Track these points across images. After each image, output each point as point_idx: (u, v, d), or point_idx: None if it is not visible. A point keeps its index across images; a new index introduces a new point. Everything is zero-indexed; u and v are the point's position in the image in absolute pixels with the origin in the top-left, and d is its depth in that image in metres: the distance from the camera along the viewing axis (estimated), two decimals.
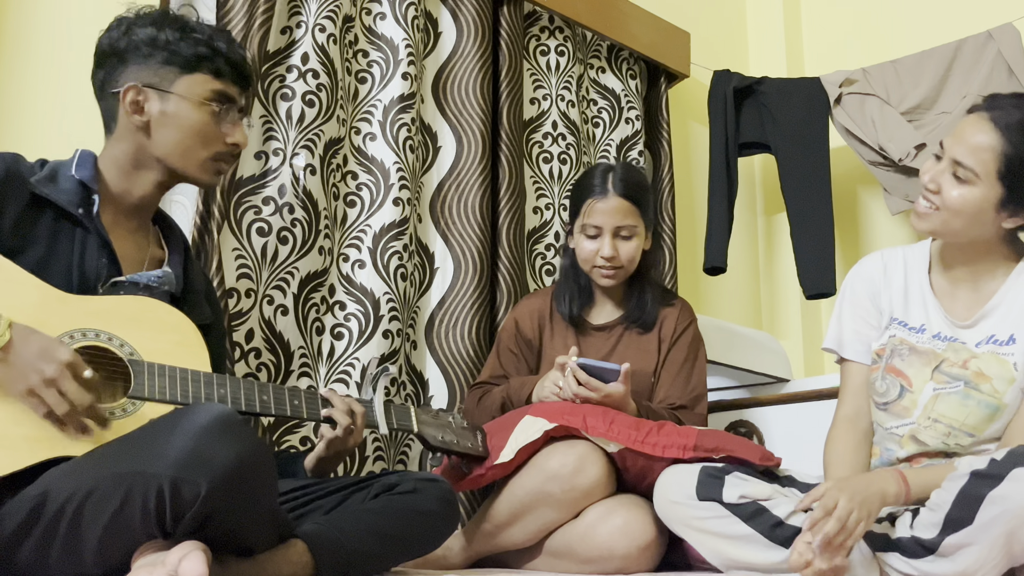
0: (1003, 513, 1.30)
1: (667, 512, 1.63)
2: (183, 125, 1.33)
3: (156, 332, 1.27)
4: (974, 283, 1.61)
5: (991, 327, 1.57)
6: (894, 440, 1.61)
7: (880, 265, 1.70)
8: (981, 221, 1.51)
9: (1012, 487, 1.30)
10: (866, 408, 1.67)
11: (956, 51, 2.79)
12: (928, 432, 1.57)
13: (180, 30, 1.33)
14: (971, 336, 1.58)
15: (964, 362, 1.56)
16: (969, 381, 1.54)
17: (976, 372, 1.54)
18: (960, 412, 1.54)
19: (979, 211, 1.50)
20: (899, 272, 1.68)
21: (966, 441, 1.54)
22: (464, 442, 1.68)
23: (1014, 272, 1.58)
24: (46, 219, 1.27)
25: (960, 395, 1.54)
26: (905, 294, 1.65)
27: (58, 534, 1.06)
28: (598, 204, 1.95)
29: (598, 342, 2.05)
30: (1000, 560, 1.34)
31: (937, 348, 1.59)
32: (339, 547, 1.29)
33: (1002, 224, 1.52)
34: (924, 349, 1.60)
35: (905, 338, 1.62)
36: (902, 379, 1.60)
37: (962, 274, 1.61)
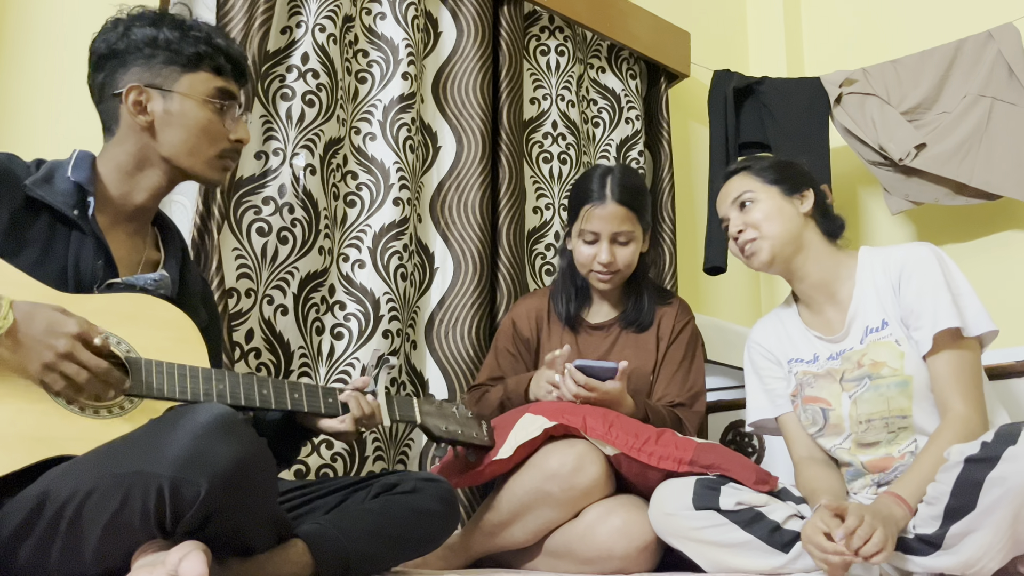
0: (1005, 493, 1.31)
1: (663, 525, 1.64)
2: (188, 124, 1.33)
3: (153, 329, 1.27)
4: (832, 299, 1.74)
5: (862, 323, 1.67)
6: (845, 455, 1.67)
7: (761, 329, 1.87)
8: (788, 215, 1.72)
9: (1009, 467, 1.31)
10: (815, 443, 1.74)
11: (956, 51, 2.79)
12: (868, 434, 1.63)
13: (179, 29, 1.33)
14: (852, 340, 1.68)
15: (858, 362, 1.65)
16: (871, 374, 1.63)
17: (872, 363, 1.63)
18: (880, 403, 1.61)
19: (779, 207, 1.72)
20: (776, 325, 1.84)
21: (906, 423, 1.61)
22: (469, 431, 1.67)
23: (858, 271, 1.71)
24: (41, 221, 1.26)
25: (871, 389, 1.62)
26: (789, 338, 1.80)
27: (58, 534, 1.06)
28: (596, 211, 1.95)
29: (596, 341, 2.05)
30: (1006, 543, 1.34)
31: (834, 366, 1.70)
32: (339, 547, 1.29)
33: (801, 209, 1.73)
34: (824, 371, 1.71)
35: (806, 370, 1.74)
36: (820, 403, 1.70)
37: (819, 295, 1.75)
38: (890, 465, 1.62)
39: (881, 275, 1.67)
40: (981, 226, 2.92)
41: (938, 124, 2.78)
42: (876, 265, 1.69)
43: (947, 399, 1.55)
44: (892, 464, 1.62)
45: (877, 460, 1.63)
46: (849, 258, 1.74)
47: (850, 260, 1.74)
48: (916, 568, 1.44)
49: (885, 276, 1.66)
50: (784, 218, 1.71)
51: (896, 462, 1.61)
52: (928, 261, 1.62)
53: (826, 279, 1.73)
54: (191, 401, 1.23)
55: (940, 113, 2.80)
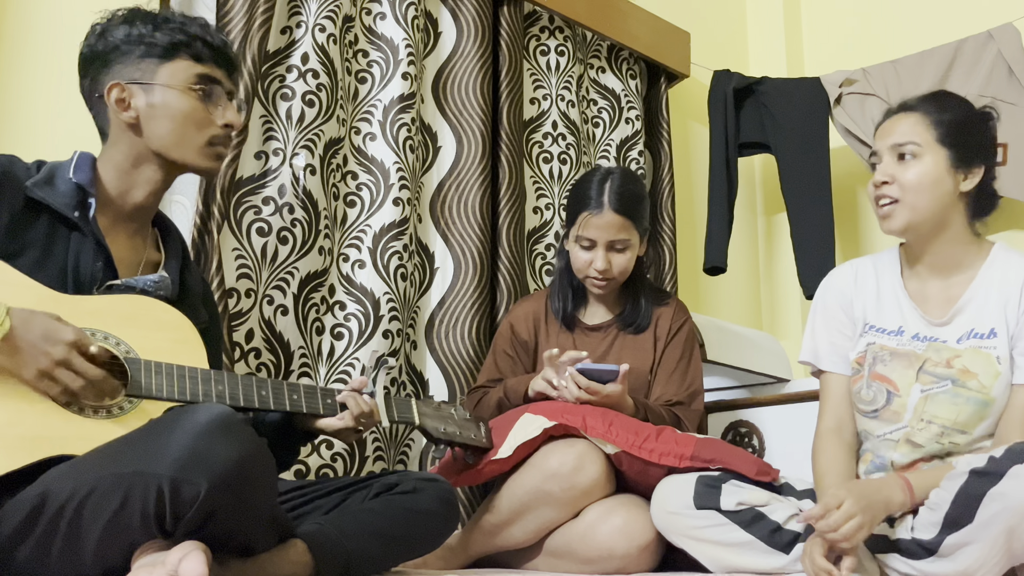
0: (1003, 511, 1.30)
1: (665, 523, 1.63)
2: (172, 113, 1.32)
3: (153, 330, 1.27)
4: (945, 280, 1.60)
5: (968, 322, 1.56)
6: (888, 446, 1.59)
7: (851, 274, 1.70)
8: (943, 190, 1.54)
9: (1011, 484, 1.30)
10: (848, 419, 1.65)
11: (956, 51, 2.79)
12: (922, 434, 1.56)
13: (152, 22, 1.33)
14: (950, 333, 1.57)
15: (947, 360, 1.55)
16: (956, 379, 1.53)
17: (961, 369, 1.53)
18: (951, 411, 1.53)
19: (937, 180, 1.53)
20: (870, 278, 1.67)
21: (960, 439, 1.54)
22: (467, 433, 1.67)
23: (984, 265, 1.58)
24: (42, 222, 1.26)
25: (949, 394, 1.53)
26: (878, 299, 1.64)
27: (58, 534, 1.06)
28: (593, 219, 1.94)
29: (593, 342, 2.05)
30: (1001, 558, 1.34)
31: (917, 349, 1.58)
32: (339, 547, 1.29)
33: (961, 188, 1.55)
34: (905, 351, 1.58)
35: (884, 343, 1.61)
36: (888, 384, 1.59)
37: (932, 272, 1.61)
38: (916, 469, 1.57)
39: (1013, 281, 1.54)
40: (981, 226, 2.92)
41: None
42: (1010, 269, 1.55)
43: (1009, 432, 1.49)
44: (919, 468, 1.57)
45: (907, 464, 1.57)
46: (980, 248, 1.59)
47: (981, 250, 1.59)
48: (911, 571, 1.44)
49: (1016, 284, 1.53)
50: (938, 193, 1.53)
51: (924, 465, 1.57)
52: None
53: (950, 261, 1.58)
54: (190, 402, 1.23)
55: None
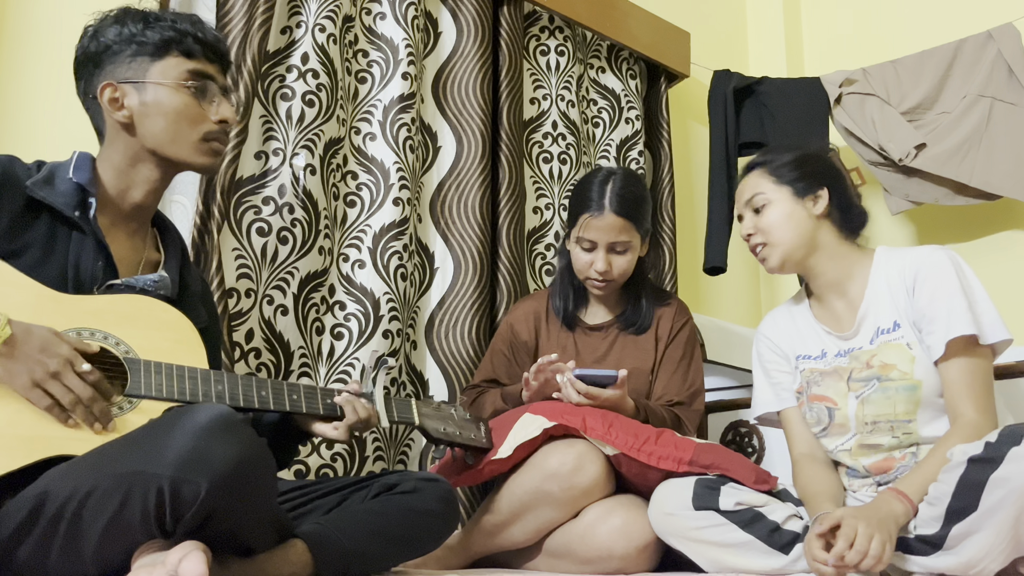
0: (1008, 494, 1.30)
1: (663, 525, 1.64)
2: (165, 111, 1.31)
3: (152, 330, 1.27)
4: (843, 296, 1.72)
5: (873, 323, 1.66)
6: (847, 457, 1.65)
7: (771, 321, 1.85)
8: (799, 219, 1.70)
9: (1013, 468, 1.30)
10: (816, 441, 1.73)
11: (956, 51, 2.79)
12: (874, 436, 1.61)
13: (143, 21, 1.33)
14: (862, 340, 1.67)
15: (867, 362, 1.64)
16: (880, 376, 1.61)
17: (881, 365, 1.62)
18: (887, 405, 1.60)
19: (789, 213, 1.70)
20: (786, 318, 1.82)
21: (911, 428, 1.59)
22: (467, 433, 1.67)
23: (871, 271, 1.69)
24: (42, 222, 1.26)
25: (879, 391, 1.61)
26: (798, 332, 1.78)
27: (58, 534, 1.06)
28: (593, 221, 1.94)
29: (594, 342, 2.05)
30: (1007, 545, 1.34)
31: (842, 364, 1.68)
32: (339, 547, 1.29)
33: (814, 212, 1.70)
34: (831, 369, 1.69)
35: (813, 367, 1.73)
36: (826, 402, 1.68)
37: (830, 292, 1.73)
38: (892, 466, 1.61)
39: (896, 276, 1.65)
40: (981, 226, 2.92)
41: (938, 124, 2.78)
42: (892, 266, 1.67)
43: (958, 405, 1.54)
44: (894, 465, 1.61)
45: (879, 463, 1.62)
46: (865, 256, 1.72)
47: (865, 258, 1.72)
48: (917, 568, 1.44)
49: (900, 278, 1.64)
50: (794, 223, 1.70)
51: (898, 463, 1.60)
52: (944, 266, 1.60)
53: (839, 277, 1.71)
54: (190, 402, 1.23)
55: (940, 113, 2.80)
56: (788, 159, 1.75)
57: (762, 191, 1.73)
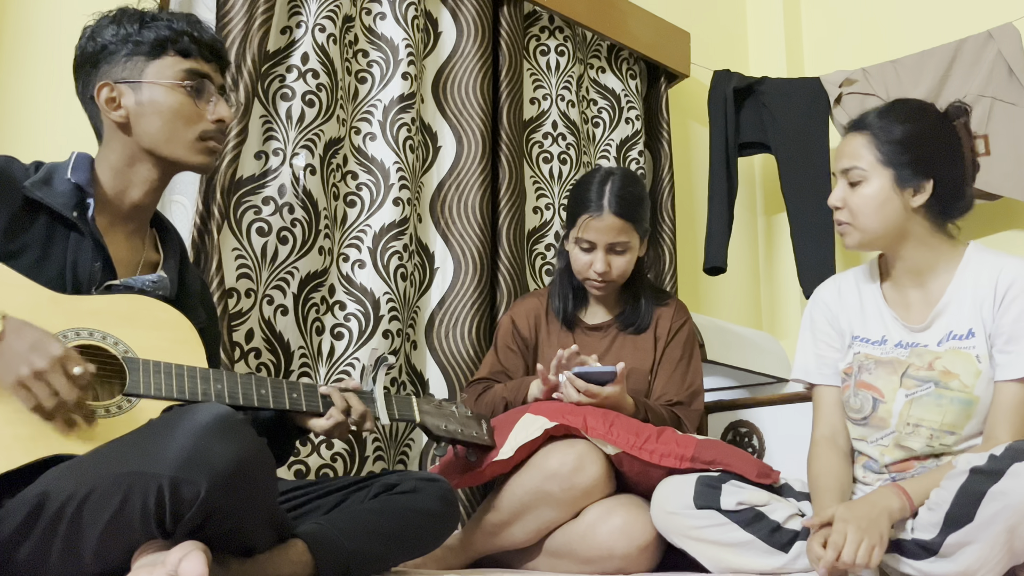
0: (1004, 509, 1.30)
1: (665, 523, 1.64)
2: (161, 110, 1.31)
3: (151, 330, 1.26)
4: (921, 286, 1.63)
5: (947, 324, 1.58)
6: (879, 451, 1.62)
7: (834, 289, 1.74)
8: (891, 209, 1.57)
9: (1012, 483, 1.30)
10: (842, 427, 1.68)
11: (956, 51, 2.79)
12: (911, 438, 1.57)
13: (139, 21, 1.33)
14: (930, 337, 1.59)
15: (929, 364, 1.57)
16: (938, 381, 1.55)
17: (943, 371, 1.55)
18: (936, 413, 1.55)
19: (884, 200, 1.57)
20: (852, 292, 1.71)
21: (949, 440, 1.55)
22: (469, 431, 1.66)
23: (959, 267, 1.60)
24: (40, 223, 1.26)
25: (933, 396, 1.55)
26: (862, 311, 1.68)
27: (58, 534, 1.06)
28: (593, 222, 1.94)
29: (593, 341, 2.05)
30: (1002, 557, 1.34)
31: (900, 356, 1.60)
32: (339, 547, 1.29)
33: (911, 204, 1.57)
34: (888, 359, 1.61)
35: (869, 352, 1.64)
36: (873, 392, 1.61)
37: (908, 279, 1.64)
38: (910, 468, 1.59)
39: (986, 282, 1.55)
40: (981, 226, 2.92)
41: None
42: (983, 269, 1.57)
43: (997, 428, 1.50)
44: (913, 467, 1.58)
45: (900, 464, 1.59)
46: (954, 250, 1.61)
47: (954, 252, 1.61)
48: (913, 572, 1.44)
49: (990, 285, 1.55)
50: (886, 213, 1.57)
51: (918, 466, 1.58)
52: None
53: (922, 267, 1.61)
54: (189, 401, 1.22)
55: None
56: (900, 135, 1.57)
57: (861, 165, 1.58)
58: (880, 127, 1.60)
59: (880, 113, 1.63)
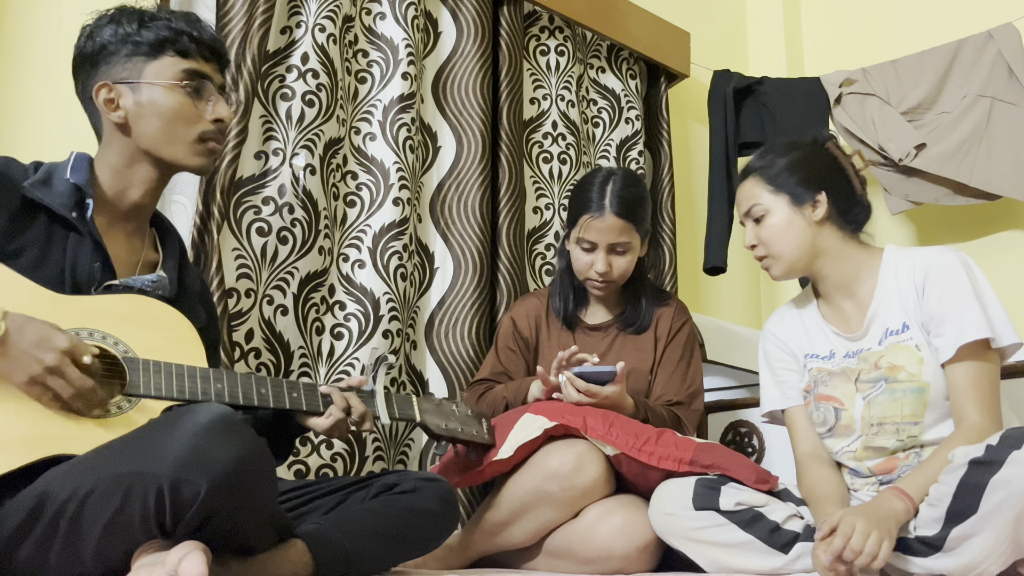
0: (1008, 497, 1.30)
1: (663, 525, 1.64)
2: (160, 111, 1.31)
3: (151, 329, 1.26)
4: (851, 296, 1.70)
5: (882, 324, 1.64)
6: (851, 458, 1.65)
7: (778, 320, 1.83)
8: (798, 229, 1.68)
9: (1014, 470, 1.30)
10: (820, 441, 1.72)
11: (956, 51, 2.79)
12: (879, 438, 1.60)
13: (138, 20, 1.32)
14: (870, 341, 1.65)
15: (875, 364, 1.62)
16: (887, 377, 1.60)
17: (889, 366, 1.60)
18: (894, 407, 1.59)
19: (788, 223, 1.68)
20: (794, 317, 1.80)
21: (915, 431, 1.58)
22: (469, 430, 1.66)
23: (880, 271, 1.67)
24: (39, 223, 1.26)
25: (886, 392, 1.60)
26: (806, 332, 1.76)
27: (58, 534, 1.06)
28: (594, 222, 1.94)
29: (594, 341, 2.05)
30: (1007, 547, 1.34)
31: (850, 364, 1.66)
32: (339, 547, 1.29)
33: (814, 219, 1.67)
34: (839, 370, 1.68)
35: (821, 366, 1.71)
36: (833, 402, 1.67)
37: (838, 293, 1.71)
38: (895, 467, 1.60)
39: (905, 277, 1.63)
40: (981, 226, 2.92)
41: (938, 124, 2.78)
42: (901, 266, 1.65)
43: (963, 408, 1.52)
44: (897, 466, 1.60)
45: (882, 463, 1.61)
46: (872, 256, 1.69)
47: (873, 258, 1.69)
48: (917, 569, 1.43)
49: (909, 279, 1.62)
50: (794, 233, 1.67)
51: (901, 463, 1.60)
52: (955, 268, 1.58)
53: (846, 279, 1.69)
54: (189, 401, 1.22)
55: (940, 113, 2.80)
56: (783, 164, 1.71)
57: (759, 201, 1.71)
58: (762, 165, 1.73)
59: (758, 156, 1.76)
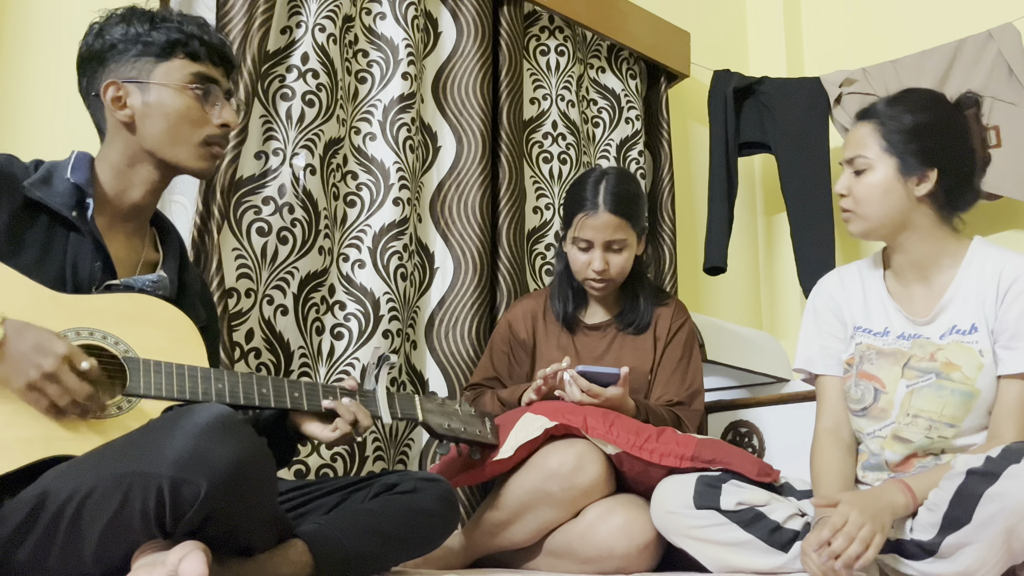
0: (1001, 510, 1.30)
1: (664, 523, 1.64)
2: (167, 112, 1.31)
3: (151, 329, 1.26)
4: (926, 280, 1.63)
5: (951, 319, 1.58)
6: (877, 443, 1.61)
7: (837, 280, 1.74)
8: (895, 197, 1.57)
9: (1009, 484, 1.30)
10: (845, 419, 1.68)
11: (956, 51, 2.79)
12: (910, 429, 1.57)
13: (150, 21, 1.33)
14: (933, 331, 1.59)
15: (931, 355, 1.57)
16: (940, 372, 1.55)
17: (944, 362, 1.55)
18: (936, 404, 1.54)
19: (887, 189, 1.57)
20: (856, 283, 1.71)
21: (948, 433, 1.55)
22: (472, 429, 1.65)
23: (963, 262, 1.60)
24: (40, 222, 1.26)
25: (933, 387, 1.55)
26: (865, 302, 1.68)
27: (58, 534, 1.06)
28: (588, 220, 1.95)
29: (593, 342, 2.05)
30: (1000, 558, 1.34)
31: (903, 347, 1.60)
32: (339, 547, 1.29)
33: (915, 193, 1.57)
34: (890, 350, 1.61)
35: (871, 343, 1.64)
36: (874, 382, 1.61)
37: (912, 272, 1.64)
38: (911, 466, 1.59)
39: (989, 277, 1.56)
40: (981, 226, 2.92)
41: None
42: (987, 265, 1.58)
43: (1002, 425, 1.50)
44: (914, 466, 1.58)
45: (900, 461, 1.59)
46: (958, 244, 1.61)
47: (959, 247, 1.61)
48: (912, 572, 1.44)
49: (993, 281, 1.55)
50: (889, 201, 1.57)
51: (918, 464, 1.58)
52: None
53: (926, 260, 1.61)
54: (190, 401, 1.22)
55: None
56: (907, 124, 1.57)
57: (866, 153, 1.59)
58: (888, 116, 1.60)
59: (889, 102, 1.62)
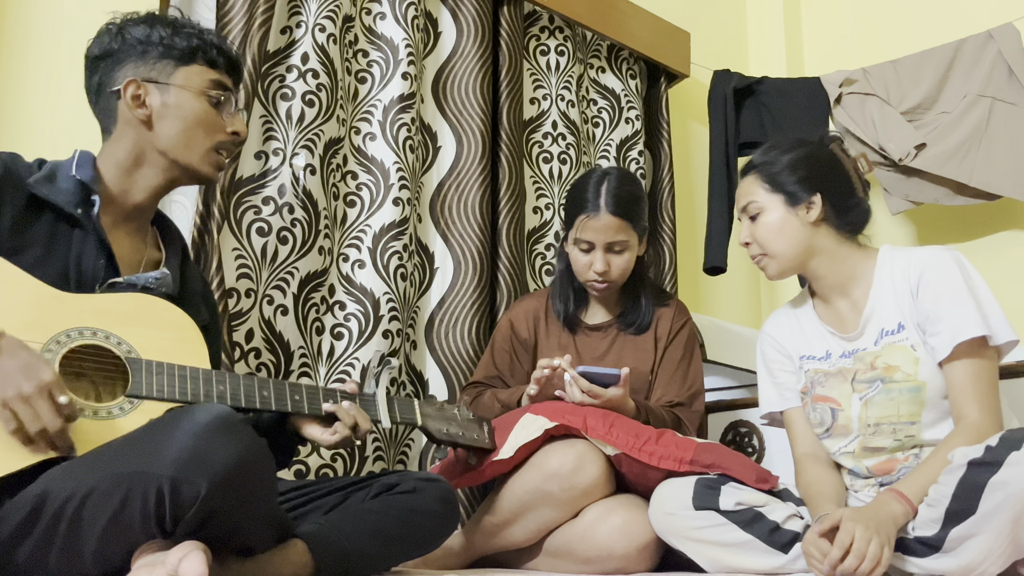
0: (1007, 499, 1.30)
1: (663, 524, 1.64)
2: (185, 115, 1.34)
3: (155, 329, 1.27)
4: (847, 297, 1.70)
5: (878, 324, 1.64)
6: (849, 459, 1.65)
7: (774, 321, 1.83)
8: (792, 228, 1.67)
9: (1012, 472, 1.30)
10: (819, 441, 1.72)
11: (956, 51, 2.80)
12: (876, 438, 1.60)
13: (171, 26, 1.36)
14: (866, 341, 1.65)
15: (871, 364, 1.62)
16: (884, 377, 1.60)
17: (885, 366, 1.60)
18: (890, 408, 1.58)
19: (783, 223, 1.68)
20: (790, 318, 1.80)
21: (913, 431, 1.58)
22: (470, 434, 1.66)
23: (875, 271, 1.67)
24: (44, 220, 1.26)
25: (883, 393, 1.59)
26: (803, 333, 1.76)
27: (58, 534, 1.06)
28: (590, 221, 1.94)
29: (594, 342, 2.05)
30: (1006, 548, 1.34)
31: (846, 365, 1.66)
32: (339, 547, 1.29)
33: (808, 219, 1.67)
34: (836, 370, 1.68)
35: (817, 367, 1.71)
36: (829, 403, 1.67)
37: (834, 293, 1.72)
38: (894, 468, 1.60)
39: (900, 277, 1.63)
40: (981, 226, 2.92)
41: (938, 124, 2.78)
42: (896, 266, 1.65)
43: (962, 406, 1.52)
44: (896, 466, 1.60)
45: (881, 464, 1.61)
46: (867, 257, 1.69)
47: (868, 259, 1.69)
48: (916, 569, 1.44)
49: (904, 279, 1.62)
50: (788, 233, 1.67)
51: (900, 464, 1.60)
52: (949, 267, 1.58)
53: (841, 279, 1.69)
54: (191, 402, 1.23)
55: (940, 113, 2.80)
56: (783, 164, 1.70)
57: (755, 199, 1.71)
58: (764, 162, 1.72)
59: (762, 152, 1.76)
